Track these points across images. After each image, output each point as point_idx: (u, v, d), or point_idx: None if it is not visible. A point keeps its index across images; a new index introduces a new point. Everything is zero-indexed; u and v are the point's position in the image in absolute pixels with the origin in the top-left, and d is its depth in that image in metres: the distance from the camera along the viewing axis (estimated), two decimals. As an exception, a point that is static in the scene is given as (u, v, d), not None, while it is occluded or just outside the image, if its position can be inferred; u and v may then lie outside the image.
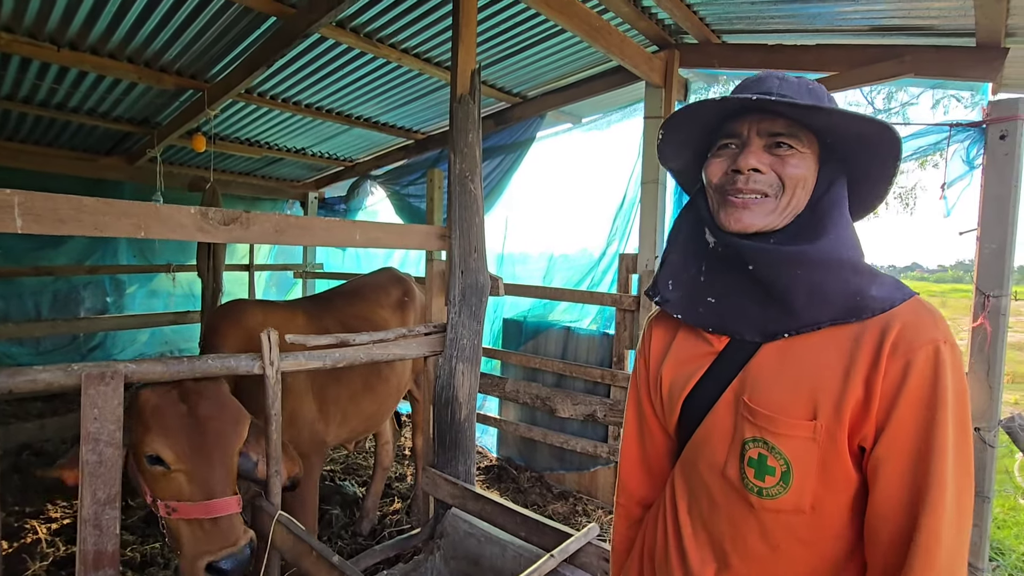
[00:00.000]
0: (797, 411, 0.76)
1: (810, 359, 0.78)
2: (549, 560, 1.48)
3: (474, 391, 2.08)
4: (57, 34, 2.82)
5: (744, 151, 0.82)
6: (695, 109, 0.86)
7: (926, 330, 0.72)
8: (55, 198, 1.23)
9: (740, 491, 0.81)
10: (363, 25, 2.90)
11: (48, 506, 3.18)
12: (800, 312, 0.79)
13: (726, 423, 0.83)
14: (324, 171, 6.06)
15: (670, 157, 0.98)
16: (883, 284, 0.77)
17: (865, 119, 0.78)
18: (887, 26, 2.55)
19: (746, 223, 0.82)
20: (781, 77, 0.84)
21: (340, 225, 1.82)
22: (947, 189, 2.58)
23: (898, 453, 0.71)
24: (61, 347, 5.17)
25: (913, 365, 0.71)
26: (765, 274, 0.81)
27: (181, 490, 1.40)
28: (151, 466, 1.40)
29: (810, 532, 0.78)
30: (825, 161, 0.84)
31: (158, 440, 1.39)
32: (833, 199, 0.82)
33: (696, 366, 0.90)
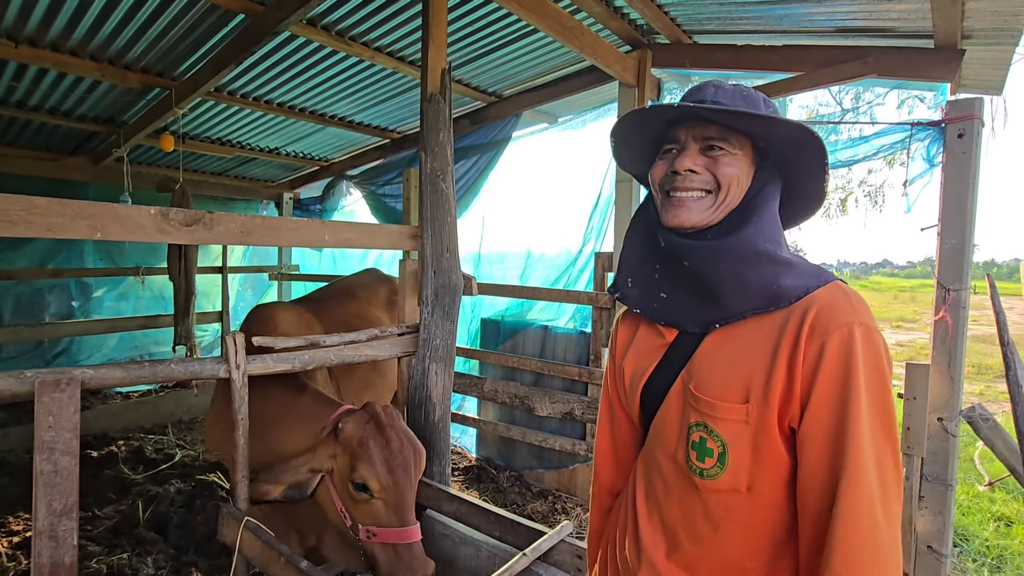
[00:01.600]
0: (732, 395, 0.81)
1: (744, 346, 0.83)
2: (522, 559, 1.48)
3: (448, 391, 2.07)
4: (14, 30, 2.72)
5: (681, 154, 0.90)
6: (631, 120, 0.96)
7: (841, 313, 0.77)
8: (4, 198, 1.18)
9: (687, 473, 0.87)
10: (334, 23, 2.86)
11: (10, 519, 3.07)
12: (727, 303, 0.85)
13: (676, 411, 0.89)
14: (299, 171, 5.97)
15: (628, 163, 1.07)
16: (799, 273, 0.83)
17: (787, 123, 0.85)
18: (851, 27, 2.61)
19: (683, 219, 0.89)
20: (718, 85, 0.92)
21: (309, 225, 1.79)
22: (908, 186, 2.65)
23: (818, 430, 0.76)
24: (24, 353, 4.99)
25: (827, 347, 0.76)
26: (697, 269, 0.88)
27: (380, 516, 1.50)
28: (356, 492, 1.51)
29: (749, 512, 0.82)
30: (760, 164, 0.91)
31: (366, 469, 1.49)
32: (765, 196, 0.89)
33: (652, 358, 0.96)
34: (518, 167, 10.87)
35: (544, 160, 22.35)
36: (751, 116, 0.84)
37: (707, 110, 0.85)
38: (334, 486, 1.57)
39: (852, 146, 2.97)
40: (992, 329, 8.09)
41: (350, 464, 1.52)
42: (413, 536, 1.49)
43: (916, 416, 2.28)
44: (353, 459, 1.51)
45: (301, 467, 1.56)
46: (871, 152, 2.91)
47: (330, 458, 1.56)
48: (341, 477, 1.54)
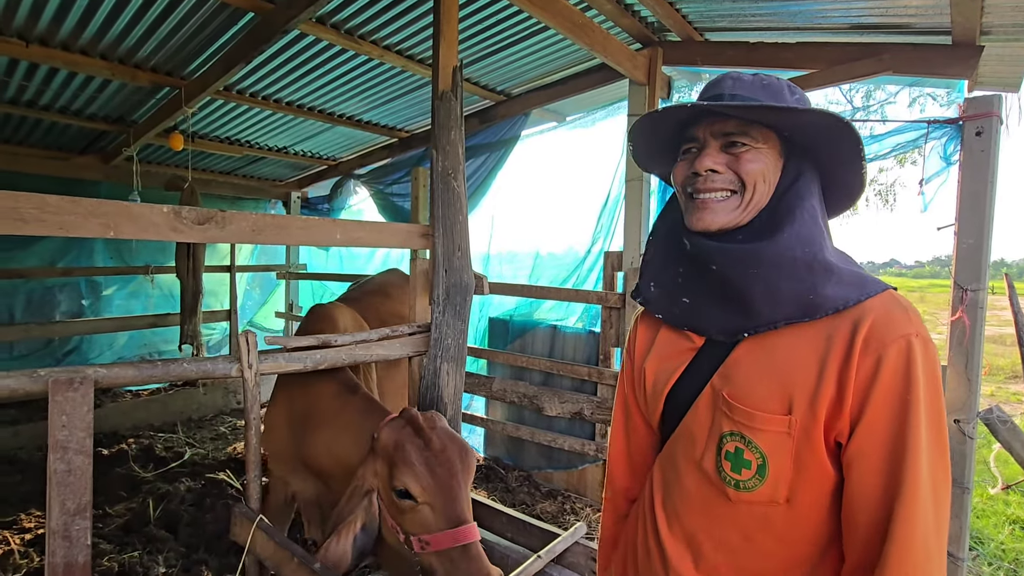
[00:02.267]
0: (772, 406, 0.77)
1: (785, 355, 0.79)
2: (536, 561, 1.47)
3: (459, 391, 2.06)
4: (25, 29, 2.73)
5: (701, 153, 0.86)
6: (646, 122, 0.92)
7: (897, 325, 0.73)
8: (16, 196, 1.18)
9: (716, 483, 0.83)
10: (343, 21, 2.86)
11: (22, 516, 3.09)
12: (757, 312, 0.81)
13: (705, 418, 0.85)
14: (307, 170, 5.98)
15: (648, 165, 1.03)
16: (840, 282, 0.78)
17: (809, 111, 0.79)
18: (866, 24, 2.58)
19: (707, 222, 0.85)
20: (736, 77, 0.87)
21: (320, 224, 1.78)
22: (924, 185, 2.62)
23: (872, 447, 0.72)
24: (35, 351, 5.02)
25: (885, 360, 0.71)
26: (726, 274, 0.83)
27: (429, 522, 1.39)
28: (400, 501, 1.41)
29: (785, 525, 0.79)
30: (790, 154, 0.86)
31: (405, 473, 1.39)
32: (799, 191, 0.83)
33: (678, 362, 0.92)
34: (527, 166, 10.85)
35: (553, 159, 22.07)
36: (767, 109, 0.80)
37: (721, 106, 0.82)
38: (383, 501, 1.48)
39: (864, 145, 2.93)
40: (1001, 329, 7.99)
41: (389, 472, 1.43)
42: (468, 536, 1.36)
43: (933, 418, 2.25)
44: (391, 466, 1.43)
45: (352, 497, 1.48)
46: (884, 151, 2.87)
47: (373, 475, 1.48)
48: (386, 489, 1.46)
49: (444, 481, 1.40)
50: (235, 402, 5.39)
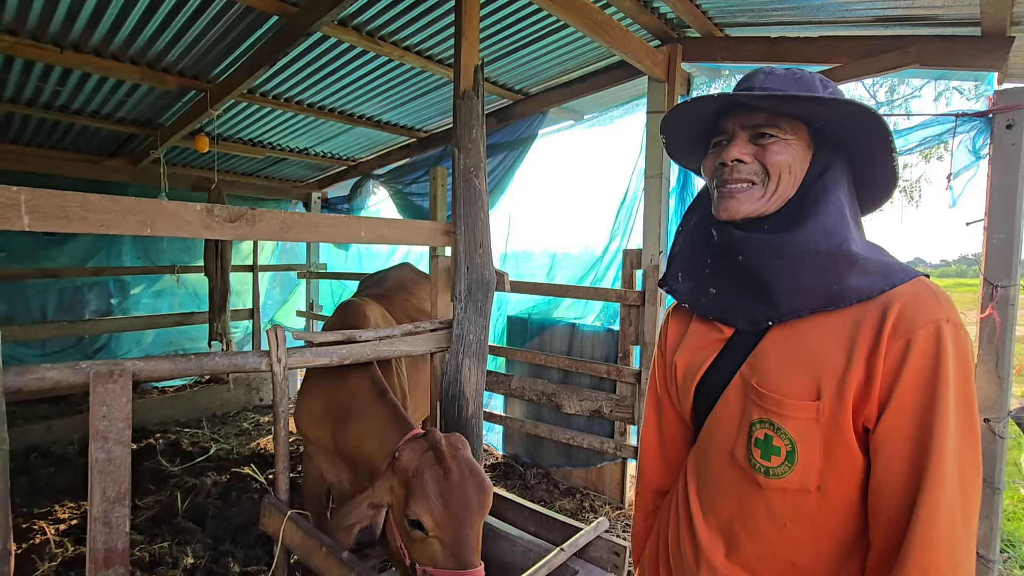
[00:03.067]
0: (801, 392, 0.78)
1: (814, 342, 0.80)
2: (559, 553, 1.48)
3: (481, 387, 2.08)
4: (60, 36, 2.82)
5: (729, 144, 0.87)
6: (677, 115, 0.93)
7: (927, 310, 0.73)
8: (61, 195, 1.23)
9: (747, 472, 0.84)
10: (365, 23, 2.90)
11: (56, 507, 3.19)
12: (781, 301, 0.82)
13: (735, 407, 0.86)
14: (327, 171, 6.06)
15: (681, 158, 1.05)
16: (865, 272, 0.78)
17: (837, 103, 0.80)
18: (891, 16, 2.54)
19: (733, 211, 0.87)
20: (768, 71, 0.88)
21: (345, 221, 1.81)
22: (953, 180, 2.56)
23: (899, 431, 0.72)
24: (67, 348, 5.18)
25: (913, 344, 0.71)
26: (751, 264, 0.85)
27: (436, 557, 1.37)
28: (412, 530, 1.39)
29: (817, 512, 0.80)
30: (819, 147, 0.87)
31: (420, 504, 1.36)
32: (825, 183, 0.84)
33: (707, 353, 0.93)
34: (543, 165, 10.84)
35: (570, 157, 22.04)
36: (791, 99, 0.81)
37: (749, 96, 0.83)
38: (394, 521, 1.46)
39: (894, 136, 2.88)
40: (1031, 329, 7.63)
41: (405, 497, 1.40)
42: None
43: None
44: (408, 492, 1.39)
45: (362, 503, 1.48)
46: (909, 146, 2.82)
47: (388, 491, 1.46)
48: (398, 511, 1.44)
49: (458, 519, 1.37)
50: (258, 399, 5.49)
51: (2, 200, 1.16)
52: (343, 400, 1.89)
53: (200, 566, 2.59)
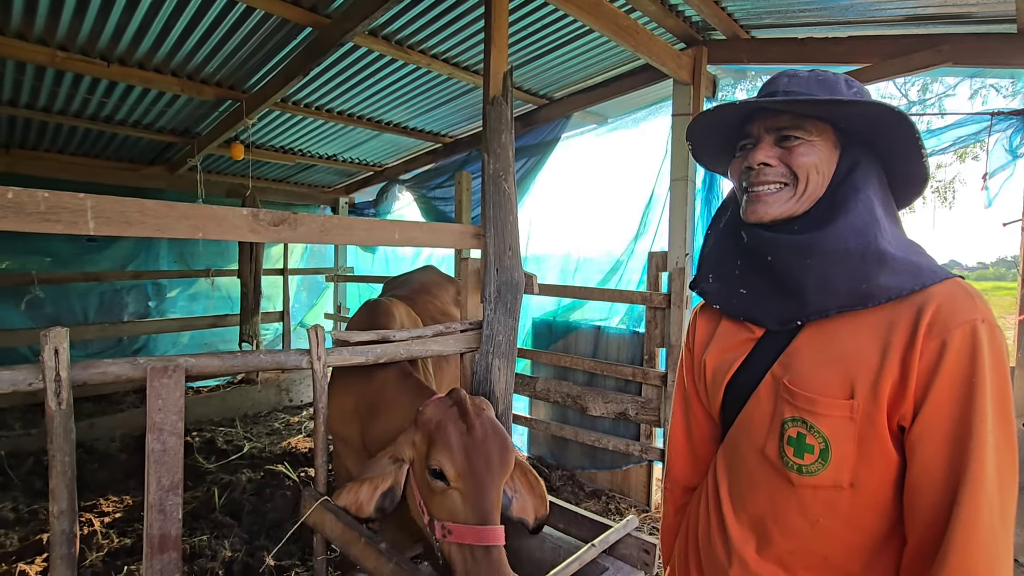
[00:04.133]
0: (834, 391, 0.79)
1: (847, 341, 0.80)
2: (590, 549, 1.50)
3: (510, 387, 2.12)
4: (107, 51, 2.97)
5: (755, 148, 0.89)
6: (702, 122, 0.95)
7: (963, 310, 0.73)
8: (122, 201, 1.31)
9: (780, 469, 0.85)
10: (395, 32, 2.98)
11: (101, 501, 3.33)
12: (811, 300, 0.83)
13: (767, 405, 0.87)
14: (354, 176, 6.20)
15: (709, 163, 1.07)
16: (895, 272, 0.78)
17: (860, 104, 0.81)
18: (923, 15, 2.51)
19: (760, 214, 0.88)
20: (791, 75, 0.90)
21: (380, 225, 1.88)
22: (988, 180, 2.52)
23: (936, 431, 0.73)
24: (108, 349, 5.39)
25: (949, 344, 0.72)
26: (780, 264, 0.86)
27: (456, 510, 1.34)
28: (432, 480, 1.37)
29: (850, 508, 0.81)
30: (847, 144, 0.88)
31: (442, 453, 1.35)
32: (854, 182, 0.85)
33: (738, 352, 0.95)
34: (566, 168, 10.86)
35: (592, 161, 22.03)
36: (813, 102, 0.82)
37: (769, 102, 0.85)
38: (415, 476, 1.45)
39: (921, 135, 2.84)
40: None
41: (428, 449, 1.39)
42: (492, 538, 1.28)
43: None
44: (431, 443, 1.39)
45: (383, 458, 1.48)
46: (943, 146, 2.78)
47: (410, 445, 1.46)
48: (420, 464, 1.43)
49: (479, 472, 1.34)
50: (287, 399, 5.63)
51: (71, 207, 1.25)
52: (371, 398, 1.94)
53: (237, 559, 2.68)
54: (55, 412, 1.23)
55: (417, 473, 1.46)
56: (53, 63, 2.91)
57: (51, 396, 1.22)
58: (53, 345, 1.22)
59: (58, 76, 3.25)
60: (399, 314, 2.29)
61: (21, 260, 4.98)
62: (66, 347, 1.24)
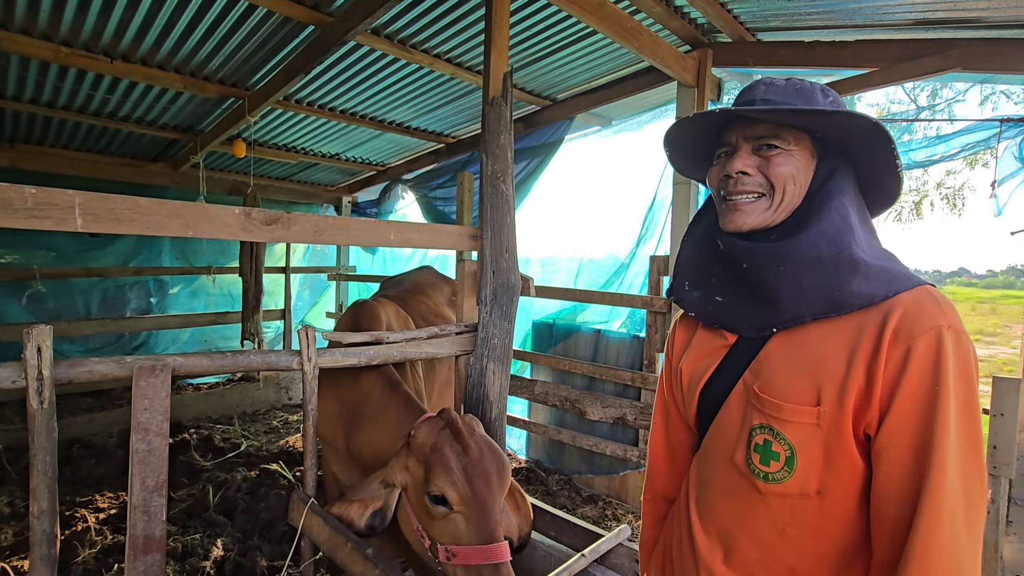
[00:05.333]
0: (801, 398, 0.79)
1: (815, 348, 0.80)
2: (580, 559, 1.48)
3: (505, 390, 2.09)
4: (111, 47, 2.97)
5: (732, 156, 0.89)
6: (680, 129, 0.96)
7: (928, 317, 0.73)
8: (112, 198, 1.30)
9: (747, 476, 0.84)
10: (397, 31, 2.96)
11: (96, 496, 3.32)
12: (784, 308, 0.83)
13: (737, 412, 0.87)
14: (357, 175, 6.20)
15: (688, 170, 1.08)
16: (867, 278, 0.78)
17: (838, 114, 0.81)
18: (932, 19, 2.47)
19: (738, 223, 0.88)
20: (768, 83, 0.90)
21: (376, 225, 1.86)
22: (998, 187, 2.48)
23: (899, 439, 0.72)
24: (108, 345, 5.40)
25: (914, 352, 0.72)
26: (755, 272, 0.86)
27: (460, 533, 1.32)
28: (434, 506, 1.34)
29: (818, 517, 0.80)
30: (824, 155, 0.88)
31: (442, 478, 1.33)
32: (828, 190, 0.85)
33: (711, 360, 0.94)
34: (569, 170, 10.83)
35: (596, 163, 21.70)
36: (791, 112, 0.82)
37: (747, 111, 0.84)
38: (409, 502, 1.43)
39: (929, 146, 2.80)
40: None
41: (425, 475, 1.36)
42: (499, 555, 1.28)
43: (1004, 434, 2.11)
44: (428, 468, 1.36)
45: (373, 481, 1.46)
46: (952, 152, 2.74)
47: (403, 470, 1.43)
48: (416, 490, 1.40)
49: (481, 493, 1.33)
50: (287, 397, 5.62)
51: (59, 203, 1.23)
52: (356, 403, 1.91)
53: (229, 559, 2.66)
54: (36, 411, 1.21)
55: (413, 498, 1.42)
56: (57, 59, 2.91)
57: (33, 395, 1.20)
58: (36, 343, 1.21)
59: (62, 72, 3.26)
60: (386, 315, 2.27)
61: (25, 255, 5.00)
62: (49, 345, 1.22)
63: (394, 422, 1.71)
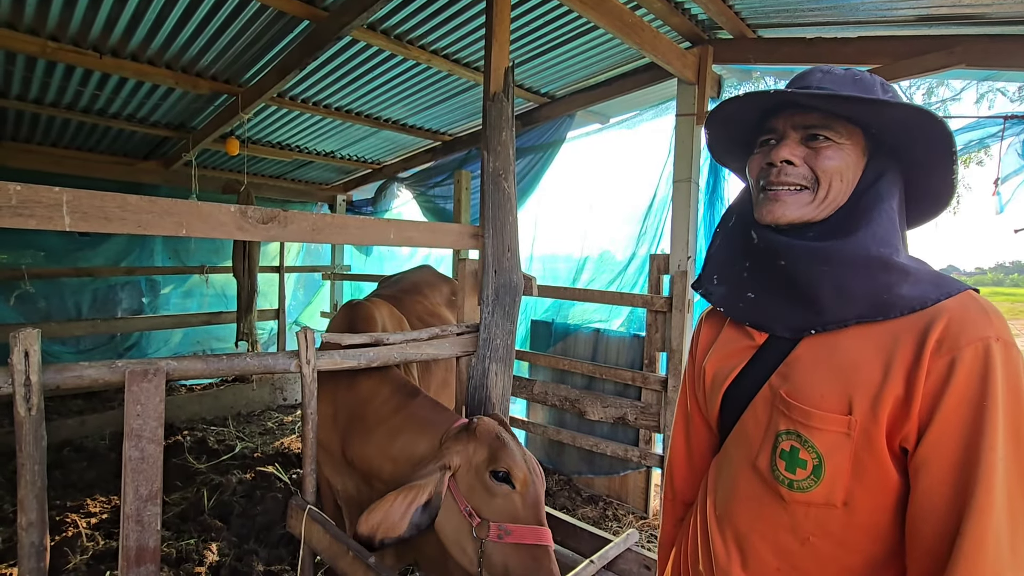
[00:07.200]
0: (832, 405, 0.75)
1: (849, 354, 0.77)
2: (589, 565, 1.44)
3: (507, 392, 2.05)
4: (100, 42, 2.90)
5: (778, 145, 0.84)
6: (726, 109, 0.90)
7: (975, 327, 0.69)
8: (101, 196, 1.24)
9: (770, 483, 0.81)
10: (394, 27, 2.91)
11: (88, 501, 3.26)
12: (826, 309, 0.78)
13: (762, 416, 0.84)
14: (352, 174, 6.13)
15: (723, 157, 1.02)
16: (917, 282, 0.75)
17: (902, 107, 0.76)
18: (935, 15, 2.44)
19: (777, 215, 0.83)
20: (826, 70, 0.85)
21: (375, 224, 1.81)
22: (1000, 184, 2.46)
23: (942, 454, 0.68)
24: (100, 346, 5.32)
25: (959, 363, 0.68)
26: (794, 270, 0.81)
27: (517, 512, 1.38)
28: (496, 483, 1.40)
29: (843, 528, 0.77)
30: (875, 153, 0.83)
31: (511, 459, 1.42)
32: (879, 192, 0.81)
33: (738, 360, 0.91)
34: (569, 168, 10.81)
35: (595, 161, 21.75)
36: (854, 100, 0.77)
37: (806, 95, 0.79)
38: (458, 484, 1.45)
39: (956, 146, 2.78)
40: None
41: (489, 456, 1.43)
42: (548, 538, 1.36)
43: None
44: (495, 450, 1.43)
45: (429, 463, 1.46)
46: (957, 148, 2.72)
47: (462, 453, 1.46)
48: (475, 470, 1.44)
49: (536, 482, 1.44)
50: (282, 399, 5.56)
51: (45, 201, 1.18)
52: (355, 406, 1.86)
53: (225, 564, 2.61)
54: (24, 418, 1.16)
55: (465, 480, 1.46)
56: (44, 54, 2.83)
57: (20, 401, 1.15)
58: (23, 347, 1.15)
59: (50, 67, 3.18)
60: (380, 316, 2.22)
61: (13, 254, 4.91)
62: (37, 349, 1.17)
63: (420, 426, 1.68)
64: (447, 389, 2.63)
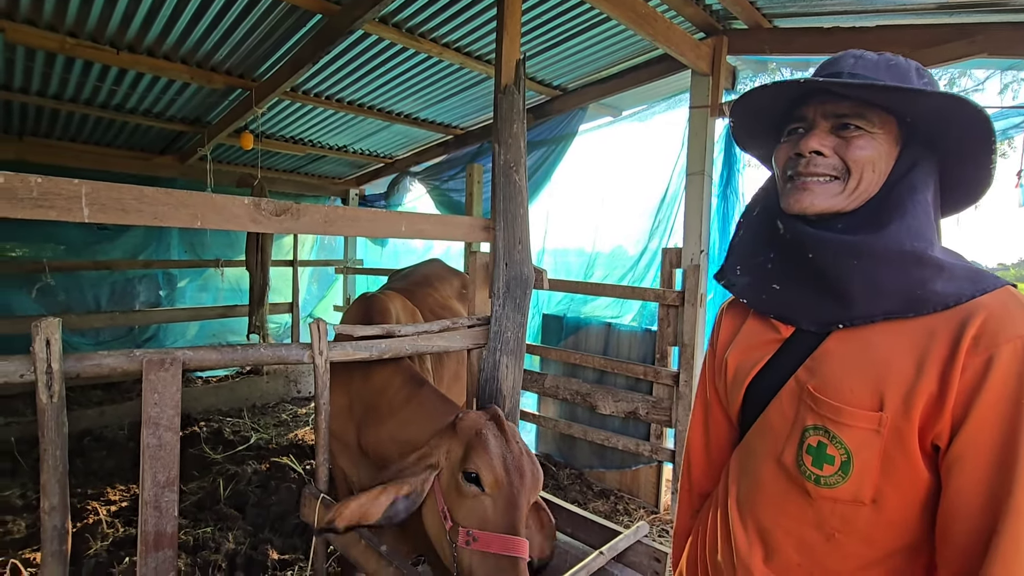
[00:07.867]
0: (862, 401, 0.74)
1: (880, 350, 0.75)
2: (599, 557, 1.45)
3: (518, 384, 2.06)
4: (117, 37, 2.94)
5: (807, 134, 0.81)
6: (753, 97, 0.87)
7: (1014, 324, 0.67)
8: (119, 188, 1.27)
9: (796, 478, 0.80)
10: (405, 20, 2.91)
11: (108, 489, 3.33)
12: (856, 304, 0.77)
13: (788, 411, 0.82)
14: (364, 168, 6.16)
15: (747, 144, 1.00)
16: (952, 277, 0.73)
17: (939, 96, 0.73)
18: (955, 3, 2.39)
19: (805, 204, 0.81)
20: (858, 56, 0.82)
21: (387, 216, 1.82)
22: (1023, 177, 2.40)
23: (976, 453, 0.67)
24: (118, 338, 5.42)
25: (997, 360, 0.66)
26: (824, 263, 0.79)
27: (486, 518, 1.30)
28: (466, 484, 1.33)
29: (869, 526, 0.76)
30: (908, 142, 0.80)
31: (482, 458, 1.33)
32: (912, 183, 0.78)
33: (762, 353, 0.89)
34: (582, 161, 10.75)
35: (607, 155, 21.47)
36: (889, 89, 0.74)
37: (838, 84, 0.76)
38: (440, 483, 1.40)
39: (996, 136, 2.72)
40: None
41: (464, 453, 1.35)
42: (517, 548, 1.24)
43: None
44: (469, 448, 1.35)
45: (414, 458, 1.42)
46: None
47: (444, 452, 1.41)
48: (451, 469, 1.38)
49: (513, 483, 1.33)
50: (295, 391, 5.62)
51: (65, 193, 1.20)
52: (369, 397, 1.88)
53: (241, 552, 2.66)
54: (46, 405, 1.19)
55: (446, 478, 1.40)
56: (63, 50, 2.88)
57: (42, 388, 1.18)
58: (44, 336, 1.18)
59: (68, 63, 3.23)
60: (394, 308, 2.24)
61: (35, 248, 5.01)
62: (58, 338, 1.20)
63: (425, 416, 1.67)
64: (459, 382, 2.65)
